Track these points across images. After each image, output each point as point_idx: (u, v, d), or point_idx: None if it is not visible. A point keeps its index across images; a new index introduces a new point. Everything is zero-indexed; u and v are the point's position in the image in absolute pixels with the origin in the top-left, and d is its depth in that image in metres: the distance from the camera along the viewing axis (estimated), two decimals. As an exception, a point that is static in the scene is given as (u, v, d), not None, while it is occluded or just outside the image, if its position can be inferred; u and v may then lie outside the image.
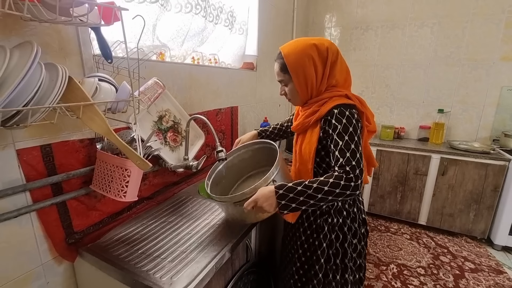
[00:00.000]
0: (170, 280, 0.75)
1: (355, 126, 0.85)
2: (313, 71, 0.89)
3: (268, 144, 1.11)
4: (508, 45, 2.27)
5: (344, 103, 0.88)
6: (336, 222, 0.96)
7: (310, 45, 0.88)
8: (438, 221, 2.38)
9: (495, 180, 2.12)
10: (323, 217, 0.97)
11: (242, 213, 0.91)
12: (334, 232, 0.97)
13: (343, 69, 0.94)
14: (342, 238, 0.97)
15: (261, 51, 2.05)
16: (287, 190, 0.79)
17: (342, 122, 0.85)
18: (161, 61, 1.26)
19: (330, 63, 0.89)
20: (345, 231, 0.97)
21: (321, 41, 0.90)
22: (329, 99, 0.90)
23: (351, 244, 1.00)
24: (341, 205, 0.97)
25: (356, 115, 0.87)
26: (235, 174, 1.17)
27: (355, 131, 0.84)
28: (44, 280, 0.85)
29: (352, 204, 0.99)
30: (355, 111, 0.88)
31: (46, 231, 0.83)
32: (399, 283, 1.81)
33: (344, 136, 0.83)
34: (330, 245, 0.97)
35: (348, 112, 0.86)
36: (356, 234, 1.00)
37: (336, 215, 0.96)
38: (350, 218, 0.98)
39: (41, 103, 0.61)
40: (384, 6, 2.61)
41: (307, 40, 0.90)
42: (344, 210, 0.97)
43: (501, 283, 1.81)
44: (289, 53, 0.90)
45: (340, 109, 0.86)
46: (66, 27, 0.81)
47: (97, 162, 0.89)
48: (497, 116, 2.41)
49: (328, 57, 0.88)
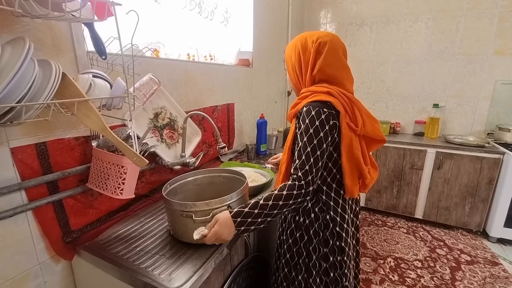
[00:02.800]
0: (169, 277, 0.75)
1: (317, 128, 0.80)
2: (297, 61, 0.91)
3: (240, 176, 1.08)
4: (502, 39, 2.29)
5: (316, 100, 0.83)
6: (302, 221, 0.93)
7: (301, 38, 0.91)
8: (434, 214, 2.41)
9: (490, 173, 2.15)
10: (292, 214, 0.96)
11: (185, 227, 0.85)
12: (299, 231, 0.94)
13: (334, 63, 0.87)
14: (307, 239, 0.93)
15: (257, 47, 2.04)
16: (244, 217, 0.79)
17: (305, 121, 0.82)
18: (156, 58, 1.26)
19: (314, 53, 0.86)
20: (310, 233, 0.92)
21: (314, 34, 0.89)
22: (311, 93, 0.87)
23: (317, 250, 0.93)
24: (310, 206, 0.92)
25: (324, 115, 0.81)
26: (196, 194, 1.11)
27: (316, 133, 0.80)
28: (42, 280, 0.85)
29: (324, 210, 0.90)
30: (327, 110, 0.81)
31: (42, 230, 0.83)
32: (396, 276, 1.83)
33: (304, 137, 0.81)
34: (294, 243, 0.95)
35: (314, 111, 0.81)
36: (327, 243, 0.91)
37: (303, 215, 0.93)
38: (318, 222, 0.91)
39: (34, 100, 0.61)
40: (379, 1, 2.62)
41: (304, 34, 0.92)
42: (313, 212, 0.92)
43: (497, 274, 1.84)
44: (287, 46, 0.98)
45: (308, 107, 0.82)
46: (59, 23, 0.79)
47: (93, 160, 0.88)
48: (492, 110, 2.44)
49: (312, 48, 0.86)
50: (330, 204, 0.90)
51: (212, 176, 1.15)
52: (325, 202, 0.90)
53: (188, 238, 0.87)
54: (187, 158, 1.24)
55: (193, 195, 1.11)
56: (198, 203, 0.83)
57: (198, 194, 1.12)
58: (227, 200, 0.87)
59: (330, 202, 0.90)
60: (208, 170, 1.15)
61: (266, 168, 1.56)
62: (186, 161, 1.22)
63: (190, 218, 0.83)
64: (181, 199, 1.05)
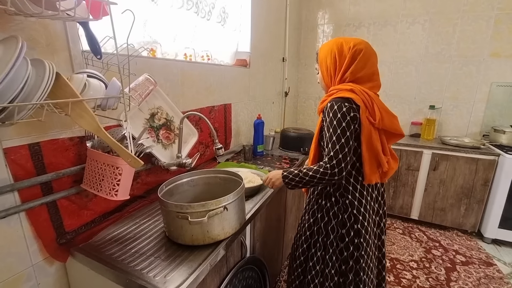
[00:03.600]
0: (164, 279, 0.74)
1: (340, 119, 0.92)
2: (332, 63, 1.01)
3: (236, 177, 1.08)
4: (498, 41, 2.31)
5: (340, 96, 0.95)
6: (324, 204, 1.08)
7: (336, 43, 1.01)
8: (430, 215, 2.42)
9: (485, 175, 2.16)
10: (316, 197, 1.12)
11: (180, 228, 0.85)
12: (321, 212, 1.09)
13: (365, 67, 0.98)
14: (327, 219, 1.07)
15: (254, 47, 2.04)
16: (289, 173, 1.02)
17: (330, 115, 0.94)
18: (152, 58, 1.25)
19: (349, 58, 0.97)
20: (330, 215, 1.06)
21: (349, 40, 0.99)
22: (337, 91, 0.98)
23: (335, 230, 1.05)
24: (332, 191, 1.06)
25: (345, 108, 0.92)
26: (192, 195, 1.11)
27: (338, 124, 0.92)
28: (35, 281, 0.84)
29: (344, 195, 1.03)
30: (348, 105, 0.93)
31: (36, 231, 0.81)
32: (392, 277, 1.83)
33: (330, 129, 0.94)
34: (315, 222, 1.11)
35: (336, 106, 0.93)
36: (345, 225, 1.03)
37: (325, 199, 1.08)
38: (338, 205, 1.05)
39: (28, 100, 0.60)
40: (376, 3, 2.62)
41: (339, 39, 1.02)
42: (333, 196, 1.06)
43: (491, 275, 1.85)
44: (322, 48, 1.07)
45: (332, 103, 0.95)
46: (53, 22, 0.78)
47: (88, 161, 0.87)
48: (487, 111, 2.46)
49: (348, 54, 0.97)
50: (349, 189, 1.02)
51: (208, 177, 1.14)
52: (345, 187, 1.03)
53: (184, 240, 0.87)
54: (184, 159, 1.23)
55: (189, 196, 1.10)
56: (193, 205, 0.82)
57: (194, 195, 1.12)
58: (223, 201, 0.86)
59: (349, 187, 1.02)
60: (204, 171, 1.14)
61: (263, 169, 1.56)
62: (183, 162, 1.22)
63: (186, 220, 0.82)
64: (177, 200, 1.04)
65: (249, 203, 1.16)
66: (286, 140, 2.02)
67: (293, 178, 1.01)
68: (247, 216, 1.05)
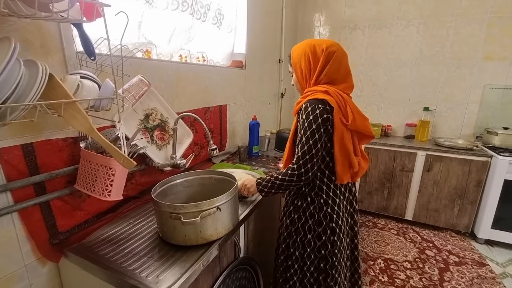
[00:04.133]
0: (156, 279, 0.74)
1: (311, 121, 0.94)
2: (307, 66, 1.03)
3: (230, 177, 1.08)
4: (491, 45, 2.34)
5: (314, 98, 0.97)
6: (300, 204, 1.09)
7: (309, 44, 1.02)
8: (423, 216, 2.45)
9: (478, 176, 2.19)
10: (292, 198, 1.13)
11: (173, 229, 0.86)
12: (297, 213, 1.09)
13: (339, 69, 1.02)
14: (304, 220, 1.08)
15: (250, 49, 2.05)
16: (262, 180, 1.06)
17: (303, 116, 0.96)
18: (147, 59, 1.25)
19: (323, 61, 1.00)
20: (306, 215, 1.07)
21: (321, 42, 1.02)
22: (312, 92, 1.01)
23: (312, 230, 1.07)
24: (307, 192, 1.07)
25: (319, 110, 0.94)
26: (186, 195, 1.11)
27: (309, 126, 0.95)
28: (28, 282, 0.84)
29: (318, 194, 1.05)
30: (321, 106, 0.95)
31: (28, 231, 0.82)
32: (386, 277, 1.85)
33: (301, 131, 0.97)
34: (291, 223, 1.12)
35: (310, 108, 0.95)
36: (321, 224, 1.05)
37: (301, 199, 1.09)
38: (314, 205, 1.06)
39: (20, 101, 0.60)
40: (372, 5, 2.65)
41: (311, 41, 1.04)
42: (309, 196, 1.07)
43: (484, 275, 1.87)
44: (294, 50, 1.08)
45: (306, 104, 0.97)
46: (47, 24, 0.79)
47: (81, 161, 0.88)
48: (480, 113, 2.49)
49: (322, 56, 0.99)
50: (323, 188, 1.04)
51: (202, 178, 1.15)
52: (319, 186, 1.05)
53: (177, 240, 0.87)
54: (178, 160, 1.23)
55: (183, 197, 1.11)
56: (187, 205, 0.83)
57: (188, 196, 1.12)
58: (216, 202, 0.87)
59: (323, 186, 1.04)
60: (199, 171, 1.15)
61: (257, 170, 1.57)
62: (177, 163, 1.22)
63: (179, 220, 0.82)
64: (171, 201, 1.04)
65: (243, 204, 1.16)
66: (281, 141, 2.03)
67: (266, 184, 1.04)
68: (240, 217, 1.06)
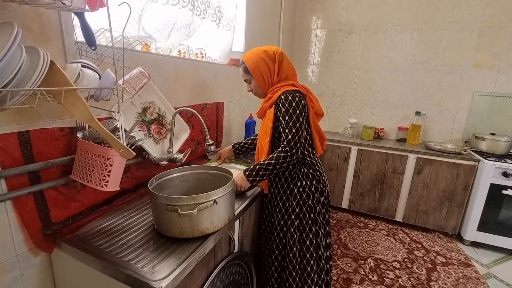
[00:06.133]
0: (152, 270, 0.75)
1: (295, 107, 1.11)
2: (266, 68, 1.19)
3: (226, 173, 1.09)
4: (480, 53, 2.42)
5: (289, 89, 1.15)
6: (305, 184, 1.21)
7: (261, 51, 1.19)
8: (413, 218, 2.50)
9: (466, 179, 2.26)
10: (293, 182, 1.22)
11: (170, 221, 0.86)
12: (305, 193, 1.21)
13: (289, 66, 1.23)
14: (311, 196, 1.22)
15: (248, 48, 2.06)
16: (251, 171, 1.14)
17: (285, 105, 1.12)
18: (146, 52, 1.25)
19: (278, 61, 1.19)
20: (312, 190, 1.22)
21: (270, 48, 1.20)
22: (280, 87, 1.18)
23: (319, 202, 1.24)
24: (306, 170, 1.22)
25: (298, 98, 1.12)
26: (181, 190, 1.12)
27: (294, 111, 1.11)
28: (19, 272, 0.82)
29: (316, 169, 1.23)
30: (298, 95, 1.14)
31: (22, 221, 0.80)
32: (376, 276, 1.88)
33: (285, 117, 1.11)
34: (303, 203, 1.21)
35: (291, 96, 1.12)
36: (323, 193, 1.25)
37: (304, 179, 1.21)
38: (315, 180, 1.23)
39: (21, 86, 0.60)
40: (368, 10, 2.70)
41: (259, 48, 1.20)
42: (310, 174, 1.22)
43: (469, 275, 1.93)
44: (248, 59, 1.21)
45: (285, 95, 1.13)
46: (47, 11, 0.78)
47: (78, 151, 0.87)
48: (469, 119, 2.56)
49: (276, 57, 1.19)
50: (314, 162, 1.24)
51: (199, 172, 1.15)
52: (311, 162, 1.23)
53: (173, 233, 0.88)
54: (174, 154, 1.23)
55: (179, 191, 1.11)
56: (184, 197, 0.83)
57: (184, 190, 1.12)
58: (213, 195, 0.87)
59: (313, 160, 1.24)
60: (195, 166, 1.15)
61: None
62: (173, 157, 1.22)
63: (176, 212, 0.83)
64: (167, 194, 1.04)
65: (239, 200, 1.17)
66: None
67: (257, 173, 1.13)
68: (236, 212, 1.06)
